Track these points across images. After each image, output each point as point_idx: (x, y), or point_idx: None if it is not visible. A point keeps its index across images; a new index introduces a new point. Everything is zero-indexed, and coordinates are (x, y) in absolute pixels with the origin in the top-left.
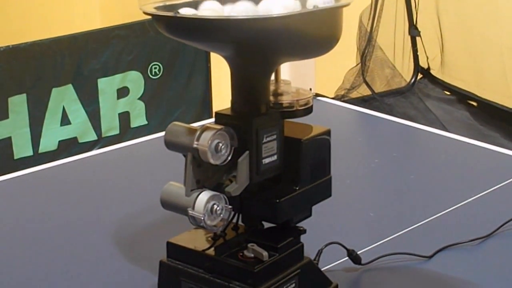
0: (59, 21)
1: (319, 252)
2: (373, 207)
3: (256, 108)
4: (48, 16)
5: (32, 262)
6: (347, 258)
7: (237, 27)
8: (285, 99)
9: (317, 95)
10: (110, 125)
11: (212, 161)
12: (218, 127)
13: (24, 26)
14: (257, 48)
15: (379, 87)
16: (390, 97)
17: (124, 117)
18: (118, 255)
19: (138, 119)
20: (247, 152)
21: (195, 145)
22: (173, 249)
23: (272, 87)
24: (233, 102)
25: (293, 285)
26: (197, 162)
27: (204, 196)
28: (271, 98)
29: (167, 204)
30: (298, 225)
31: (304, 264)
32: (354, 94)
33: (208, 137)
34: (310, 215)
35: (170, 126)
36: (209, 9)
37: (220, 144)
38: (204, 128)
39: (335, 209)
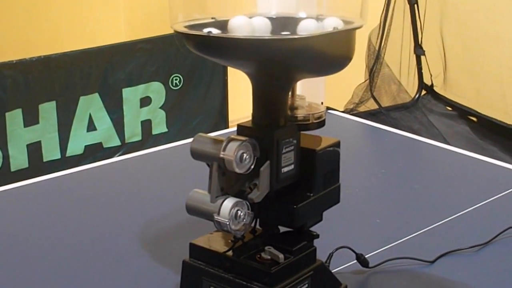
0: (87, 34)
1: (330, 256)
2: (380, 214)
3: (276, 121)
4: (77, 29)
5: (59, 260)
6: (355, 261)
7: (261, 47)
8: (300, 113)
9: (328, 108)
10: (133, 132)
11: (237, 170)
12: (243, 138)
13: (55, 38)
14: (279, 66)
15: (386, 102)
16: (395, 112)
17: (146, 125)
18: (143, 255)
19: (159, 127)
20: (268, 161)
21: (221, 155)
22: (195, 250)
23: (288, 102)
24: (254, 115)
25: (306, 285)
26: (221, 171)
27: (229, 202)
28: (288, 112)
29: (192, 210)
30: (311, 230)
31: (317, 266)
32: (362, 108)
33: (234, 147)
34: (321, 219)
35: (196, 137)
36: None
37: (245, 154)
38: (230, 139)
39: (344, 215)
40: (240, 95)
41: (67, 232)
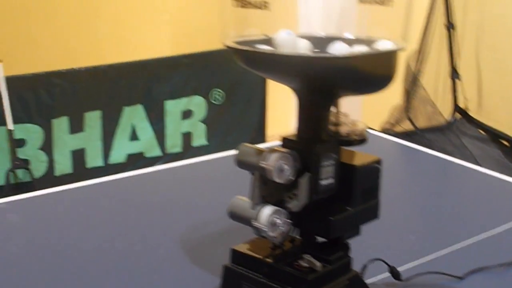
0: (133, 48)
1: (364, 267)
2: (413, 230)
3: (318, 135)
4: (123, 42)
5: (101, 261)
6: (388, 273)
7: (305, 64)
8: (343, 129)
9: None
10: (173, 143)
11: (276, 179)
12: (284, 150)
13: (103, 50)
14: (323, 83)
15: (421, 123)
16: (430, 133)
17: (187, 137)
18: (184, 259)
19: (199, 139)
20: (308, 173)
21: (262, 165)
22: (236, 255)
23: (332, 118)
24: (297, 129)
25: None
26: (263, 180)
27: (267, 210)
28: (331, 127)
29: (233, 215)
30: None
31: (352, 276)
32: (398, 128)
33: (274, 158)
34: (358, 233)
35: (240, 147)
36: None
37: (284, 165)
38: (272, 150)
39: (379, 229)
40: (278, 111)
41: (110, 236)
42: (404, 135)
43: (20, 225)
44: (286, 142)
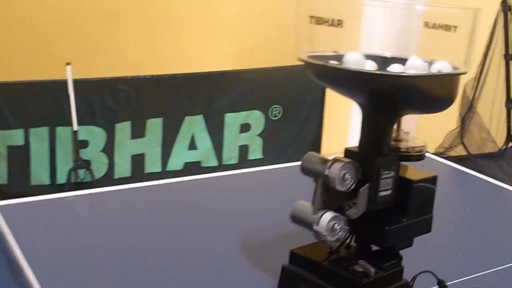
0: (196, 60)
1: (414, 278)
2: (461, 248)
3: (380, 149)
4: (187, 55)
5: (159, 260)
6: (436, 286)
7: (374, 80)
8: (403, 145)
9: None
10: (230, 155)
11: (338, 187)
12: (347, 160)
13: (167, 60)
14: (388, 100)
15: (474, 150)
16: (482, 159)
17: (243, 150)
18: (242, 260)
19: (255, 153)
20: (368, 184)
21: (326, 173)
22: (295, 257)
23: (393, 134)
24: (360, 141)
25: None
26: (325, 187)
27: (328, 215)
28: (392, 142)
29: (295, 218)
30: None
31: (403, 284)
32: (452, 153)
33: (338, 167)
34: (411, 245)
35: (306, 155)
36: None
37: (347, 174)
38: (336, 160)
39: (429, 244)
40: (334, 130)
41: (166, 236)
42: (457, 160)
43: (88, 218)
44: (349, 153)
